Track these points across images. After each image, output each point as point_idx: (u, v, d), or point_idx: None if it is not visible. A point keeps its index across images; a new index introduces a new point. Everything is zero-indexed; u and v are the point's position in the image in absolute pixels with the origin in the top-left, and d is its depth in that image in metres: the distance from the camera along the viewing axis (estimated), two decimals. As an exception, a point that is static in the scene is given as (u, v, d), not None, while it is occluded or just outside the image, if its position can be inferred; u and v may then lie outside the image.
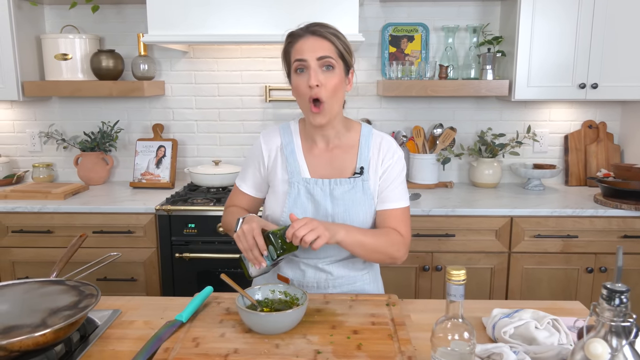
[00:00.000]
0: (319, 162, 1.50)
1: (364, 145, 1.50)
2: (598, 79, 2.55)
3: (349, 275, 1.52)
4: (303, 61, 1.38)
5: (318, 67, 1.38)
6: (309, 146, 1.51)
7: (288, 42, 1.44)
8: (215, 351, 1.13)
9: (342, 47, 1.40)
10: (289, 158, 1.49)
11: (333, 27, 1.43)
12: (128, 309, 1.39)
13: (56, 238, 2.47)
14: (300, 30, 1.41)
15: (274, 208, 1.50)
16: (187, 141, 3.04)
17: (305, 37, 1.39)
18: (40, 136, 3.01)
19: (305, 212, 1.45)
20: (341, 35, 1.42)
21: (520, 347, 1.07)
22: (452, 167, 3.02)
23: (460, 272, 0.92)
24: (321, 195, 1.46)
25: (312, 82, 1.36)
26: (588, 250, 2.42)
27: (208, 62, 2.95)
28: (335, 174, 1.49)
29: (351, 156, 1.50)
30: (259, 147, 1.55)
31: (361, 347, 1.14)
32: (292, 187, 1.47)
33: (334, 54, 1.39)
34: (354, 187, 1.46)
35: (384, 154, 1.50)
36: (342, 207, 1.45)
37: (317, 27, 1.40)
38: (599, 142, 2.92)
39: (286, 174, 1.49)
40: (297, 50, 1.40)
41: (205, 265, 2.47)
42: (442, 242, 2.43)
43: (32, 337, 1.02)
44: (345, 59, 1.42)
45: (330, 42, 1.39)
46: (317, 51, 1.37)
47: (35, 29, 2.84)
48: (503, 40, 2.76)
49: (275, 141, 1.53)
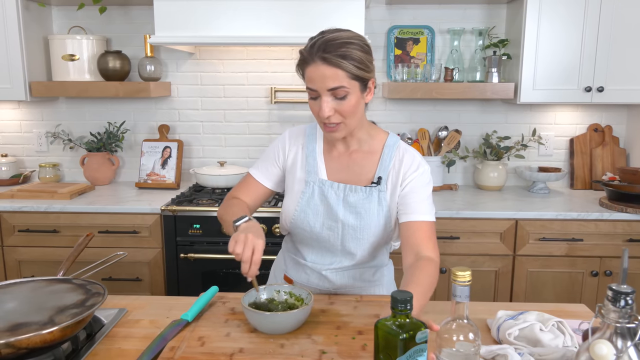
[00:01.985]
0: (337, 164, 1.48)
1: (387, 155, 1.45)
2: (604, 82, 2.55)
3: (353, 286, 1.51)
4: (314, 91, 1.31)
5: (330, 97, 1.30)
6: (329, 148, 1.50)
7: (300, 60, 1.34)
8: (220, 350, 1.14)
9: (355, 67, 1.27)
10: (309, 157, 1.48)
11: (348, 41, 1.29)
12: (134, 308, 1.39)
13: (62, 238, 2.48)
14: (309, 54, 1.29)
15: (289, 205, 1.49)
16: (193, 142, 3.06)
17: (315, 64, 1.28)
18: (47, 136, 3.03)
19: (317, 214, 1.45)
20: (357, 52, 1.28)
21: (525, 349, 1.08)
22: (456, 170, 3.02)
23: (466, 273, 0.92)
24: (335, 199, 1.44)
25: (324, 113, 1.30)
26: (593, 254, 2.42)
27: (214, 63, 2.97)
28: (352, 178, 1.46)
29: (371, 163, 1.46)
30: (283, 140, 1.53)
31: (366, 348, 1.15)
32: (307, 187, 1.46)
33: (346, 80, 1.28)
34: (369, 197, 1.43)
35: (406, 167, 1.43)
36: (354, 214, 1.43)
37: (328, 50, 1.27)
38: (604, 145, 2.91)
39: (304, 173, 1.48)
40: (308, 76, 1.31)
41: (210, 266, 2.48)
42: (447, 244, 2.43)
43: (40, 335, 1.03)
44: (361, 77, 1.30)
45: (341, 69, 1.26)
46: (327, 82, 1.27)
47: (43, 30, 2.86)
48: (509, 43, 2.76)
49: (299, 139, 1.52)
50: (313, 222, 1.45)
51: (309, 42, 1.32)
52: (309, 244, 1.50)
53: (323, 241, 1.47)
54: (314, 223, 1.45)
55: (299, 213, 1.45)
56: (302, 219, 1.45)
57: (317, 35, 1.32)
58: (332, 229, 1.45)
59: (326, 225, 1.45)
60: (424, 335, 0.94)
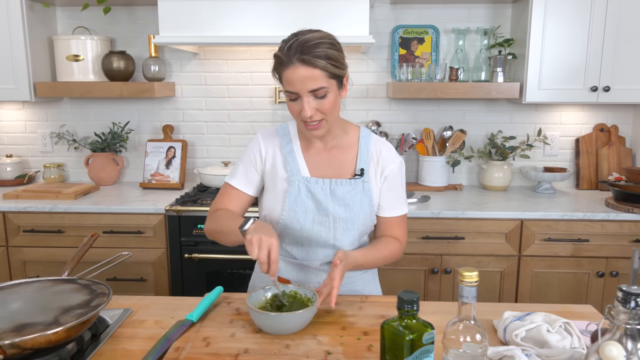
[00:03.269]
0: (317, 161, 1.49)
1: (364, 147, 1.50)
2: (610, 82, 2.53)
3: (347, 275, 1.51)
4: (294, 93, 1.33)
5: (311, 97, 1.33)
6: (306, 146, 1.51)
7: (276, 63, 1.36)
8: (225, 351, 1.13)
9: (332, 66, 1.31)
10: (288, 157, 1.48)
11: (322, 41, 1.31)
12: (139, 309, 1.39)
13: (67, 238, 2.49)
14: (286, 57, 1.31)
15: (273, 207, 1.48)
16: (197, 142, 3.05)
17: (294, 66, 1.29)
18: (51, 137, 3.04)
19: (306, 211, 1.45)
20: (331, 51, 1.31)
21: (532, 350, 1.07)
22: (461, 170, 3.01)
23: (473, 274, 0.92)
24: (322, 194, 1.45)
25: (306, 114, 1.32)
26: (599, 255, 2.40)
27: (218, 63, 2.96)
28: (334, 173, 1.49)
29: (350, 157, 1.50)
30: (257, 144, 1.52)
31: (371, 349, 1.14)
32: (291, 186, 1.46)
33: (325, 80, 1.31)
34: (355, 188, 1.47)
35: (385, 160, 1.50)
36: (343, 207, 1.45)
37: (305, 51, 1.29)
38: (610, 145, 2.89)
39: (285, 172, 1.48)
40: (287, 79, 1.32)
41: (214, 266, 2.47)
42: (452, 244, 2.42)
43: (45, 335, 1.02)
44: (337, 75, 1.34)
45: (320, 69, 1.29)
46: (308, 83, 1.30)
47: (48, 31, 2.86)
48: (514, 42, 2.75)
49: (273, 140, 1.52)
50: (303, 220, 1.45)
51: (283, 44, 1.34)
52: (299, 242, 1.50)
53: (314, 237, 1.48)
54: (304, 220, 1.46)
55: (288, 212, 1.45)
56: (291, 218, 1.46)
57: (290, 38, 1.34)
58: (323, 224, 1.46)
59: (317, 221, 1.46)
60: (431, 336, 0.94)
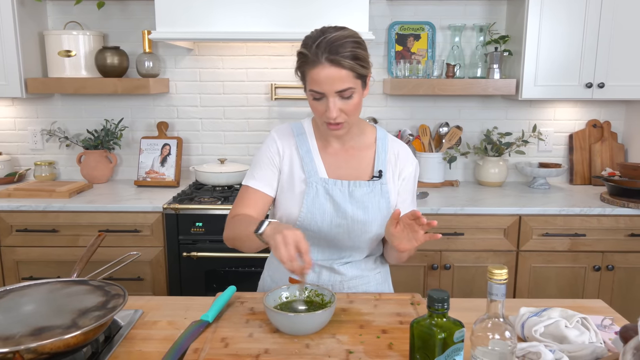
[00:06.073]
0: (335, 161, 1.47)
1: (381, 149, 1.49)
2: (605, 79, 2.57)
3: (361, 276, 1.52)
4: (319, 93, 1.30)
5: (337, 97, 1.30)
6: (323, 146, 1.48)
7: (301, 62, 1.32)
8: (245, 351, 1.12)
9: (360, 67, 1.28)
10: (305, 158, 1.46)
11: (349, 40, 1.27)
12: (149, 309, 1.37)
13: (61, 237, 2.44)
14: (314, 56, 1.26)
15: (291, 208, 1.45)
16: (192, 139, 3.02)
17: (322, 66, 1.26)
18: (42, 134, 2.97)
19: (324, 213, 1.43)
20: (359, 50, 1.28)
21: (555, 346, 1.07)
22: (457, 166, 3.03)
23: (502, 271, 0.92)
24: (340, 196, 1.43)
25: (332, 114, 1.30)
26: (595, 249, 2.44)
27: (213, 59, 2.93)
28: (352, 174, 1.46)
29: (367, 158, 1.49)
30: (273, 143, 1.48)
31: (392, 347, 1.14)
32: (309, 187, 1.43)
33: (352, 81, 1.28)
34: (373, 190, 1.45)
35: (402, 162, 1.49)
36: (361, 209, 1.43)
37: (335, 51, 1.25)
38: (603, 141, 2.93)
39: (303, 173, 1.45)
40: (312, 78, 1.28)
41: (213, 265, 2.45)
42: (451, 240, 2.43)
43: (63, 339, 1.00)
44: (363, 75, 1.31)
45: (348, 69, 1.26)
46: (336, 84, 1.27)
47: (38, 25, 2.80)
48: (510, 39, 2.77)
49: (289, 139, 1.48)
50: (321, 222, 1.43)
51: (310, 41, 1.29)
52: (315, 244, 1.48)
53: (331, 239, 1.46)
54: (322, 222, 1.43)
55: (305, 214, 1.43)
56: (309, 220, 1.43)
57: (317, 35, 1.29)
58: (341, 226, 1.44)
59: (335, 223, 1.44)
60: (462, 334, 0.94)
